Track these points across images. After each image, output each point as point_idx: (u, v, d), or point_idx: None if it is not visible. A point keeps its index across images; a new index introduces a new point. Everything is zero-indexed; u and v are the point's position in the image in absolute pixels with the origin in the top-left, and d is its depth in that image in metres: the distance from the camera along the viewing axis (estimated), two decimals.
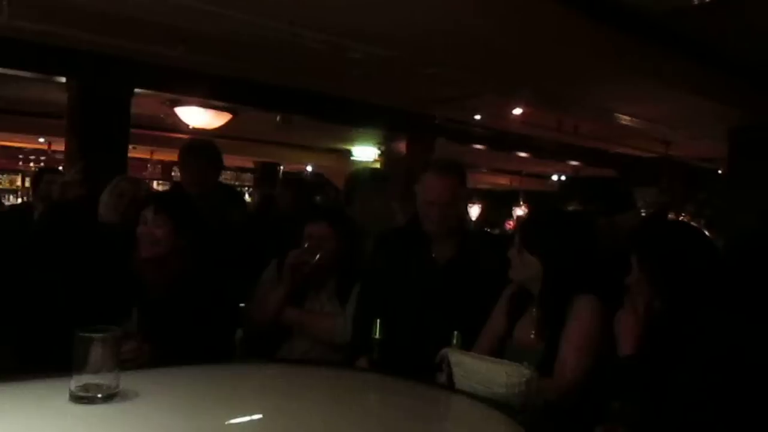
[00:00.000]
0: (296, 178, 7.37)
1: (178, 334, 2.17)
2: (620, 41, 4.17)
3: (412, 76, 5.22)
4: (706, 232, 6.54)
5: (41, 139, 10.51)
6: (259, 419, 1.77)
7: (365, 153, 9.95)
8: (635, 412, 1.56)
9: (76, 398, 1.57)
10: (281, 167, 12.36)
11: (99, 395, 1.58)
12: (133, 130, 5.89)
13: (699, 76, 4.91)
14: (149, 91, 5.71)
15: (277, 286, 2.66)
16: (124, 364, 1.78)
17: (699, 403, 1.57)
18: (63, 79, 5.28)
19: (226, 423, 1.68)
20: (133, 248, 2.37)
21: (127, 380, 1.68)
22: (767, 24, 4.08)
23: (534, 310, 2.19)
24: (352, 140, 9.65)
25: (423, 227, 2.50)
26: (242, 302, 2.72)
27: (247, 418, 1.77)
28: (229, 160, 13.18)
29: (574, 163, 10.63)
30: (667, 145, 8.38)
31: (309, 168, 13.07)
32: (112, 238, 2.70)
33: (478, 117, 7.20)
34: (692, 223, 5.72)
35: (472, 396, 1.81)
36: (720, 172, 8.93)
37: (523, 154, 9.56)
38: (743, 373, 1.58)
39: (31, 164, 11.52)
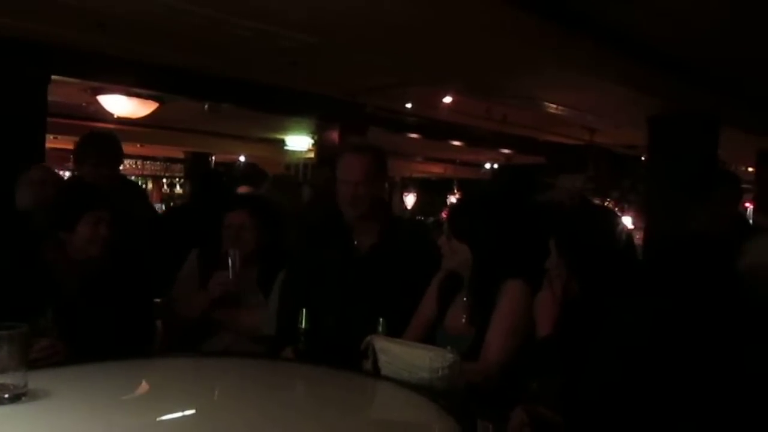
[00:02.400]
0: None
1: (95, 331, 2.11)
2: (543, 30, 4.25)
3: (341, 63, 5.18)
4: (629, 218, 6.82)
5: None
6: (191, 414, 1.73)
7: (299, 143, 9.84)
8: (552, 391, 1.60)
9: None
10: (212, 157, 12.12)
11: (5, 396, 1.52)
12: (52, 120, 5.62)
13: (619, 65, 5.06)
14: (68, 79, 5.46)
15: (199, 296, 2.61)
16: (35, 362, 1.72)
17: (612, 383, 1.63)
18: None
19: (157, 420, 1.64)
20: (49, 243, 2.28)
21: (38, 379, 1.62)
22: (684, 15, 4.24)
23: (465, 295, 2.22)
24: (285, 130, 9.53)
25: (343, 213, 2.50)
26: (157, 296, 2.66)
27: (179, 414, 1.73)
28: (157, 150, 12.94)
29: (505, 151, 10.84)
30: (593, 133, 8.64)
31: (242, 158, 12.87)
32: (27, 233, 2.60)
33: (408, 105, 7.23)
34: (613, 209, 5.94)
35: (397, 382, 1.83)
36: (643, 158, 9.27)
37: (456, 143, 9.68)
38: (656, 352, 1.65)
39: None
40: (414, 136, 8.56)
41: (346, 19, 4.07)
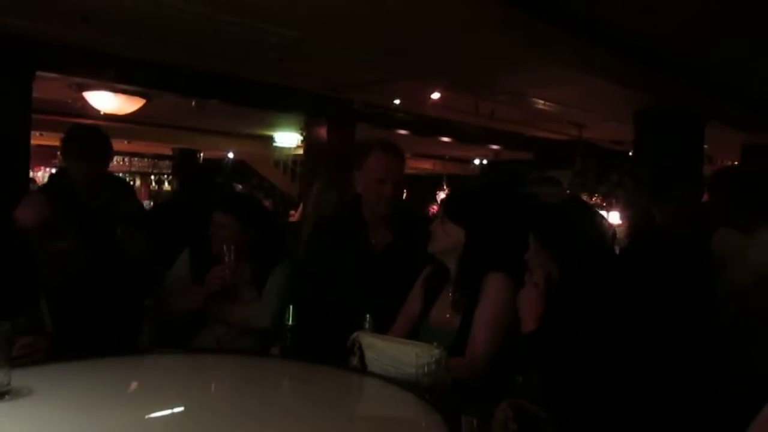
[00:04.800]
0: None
1: (87, 326, 2.10)
2: (530, 25, 4.26)
3: (327, 59, 5.17)
4: (616, 212, 6.83)
5: None
6: (179, 412, 1.73)
7: (287, 139, 9.82)
8: (537, 385, 1.61)
9: None
10: (201, 154, 12.07)
11: None
12: (37, 116, 5.57)
13: (606, 61, 5.08)
14: (53, 74, 5.40)
15: (195, 291, 2.60)
16: (18, 359, 1.70)
17: (595, 375, 1.64)
18: None
19: (144, 417, 1.64)
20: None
21: (22, 377, 1.61)
22: (670, 11, 4.26)
23: (450, 288, 2.22)
24: (273, 126, 9.50)
25: (370, 210, 2.46)
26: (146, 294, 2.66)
27: (166, 411, 1.73)
28: (145, 147, 12.85)
29: (494, 147, 10.86)
30: (581, 129, 8.67)
31: (230, 155, 12.83)
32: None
33: (397, 101, 7.22)
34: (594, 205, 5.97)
35: (383, 378, 1.83)
36: (630, 153, 9.32)
37: (445, 139, 9.68)
38: (636, 344, 1.66)
39: None
40: (402, 132, 8.56)
41: (331, 15, 4.06)
